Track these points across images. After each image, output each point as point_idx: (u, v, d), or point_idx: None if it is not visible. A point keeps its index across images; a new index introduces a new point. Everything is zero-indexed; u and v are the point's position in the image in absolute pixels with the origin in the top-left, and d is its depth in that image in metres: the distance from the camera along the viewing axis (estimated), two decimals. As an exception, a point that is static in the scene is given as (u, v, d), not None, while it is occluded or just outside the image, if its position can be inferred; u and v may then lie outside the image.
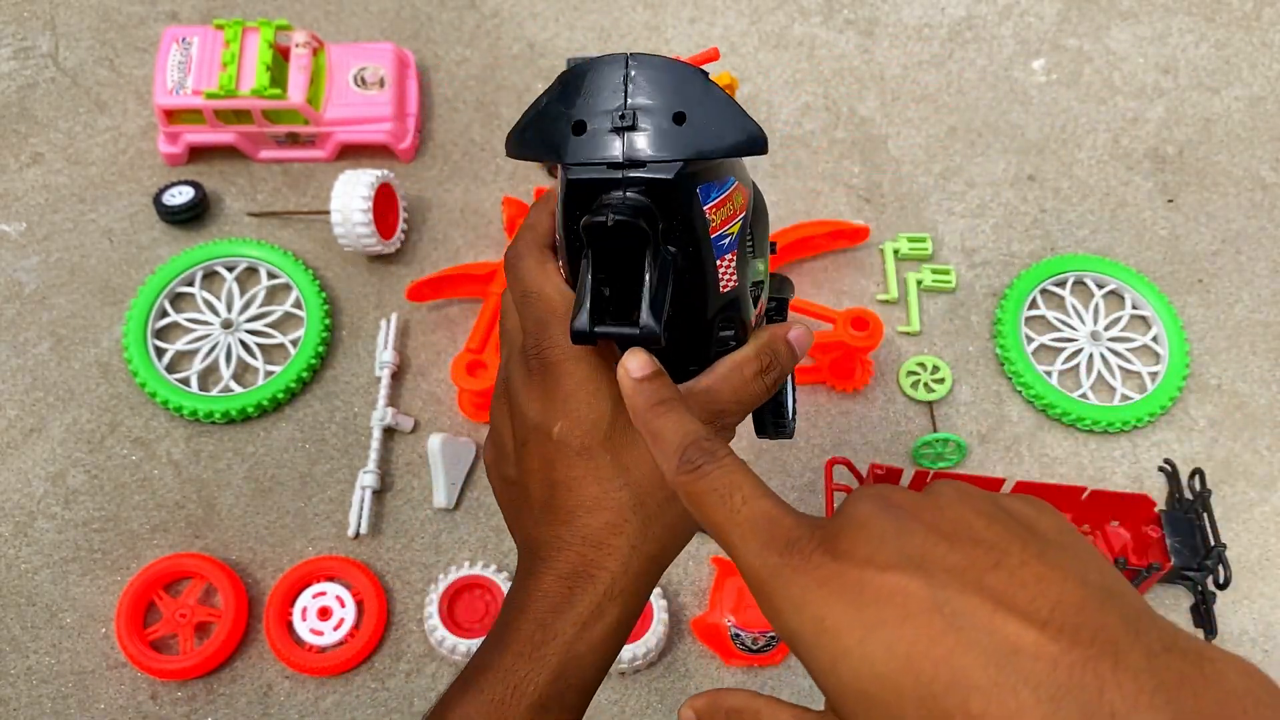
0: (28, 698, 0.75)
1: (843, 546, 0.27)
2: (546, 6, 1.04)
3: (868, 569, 0.26)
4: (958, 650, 0.24)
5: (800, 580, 0.27)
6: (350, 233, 0.85)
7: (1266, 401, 0.89)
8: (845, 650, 0.26)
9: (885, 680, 0.25)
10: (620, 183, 0.36)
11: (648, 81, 0.36)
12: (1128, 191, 0.98)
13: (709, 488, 0.31)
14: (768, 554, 0.28)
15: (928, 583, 0.25)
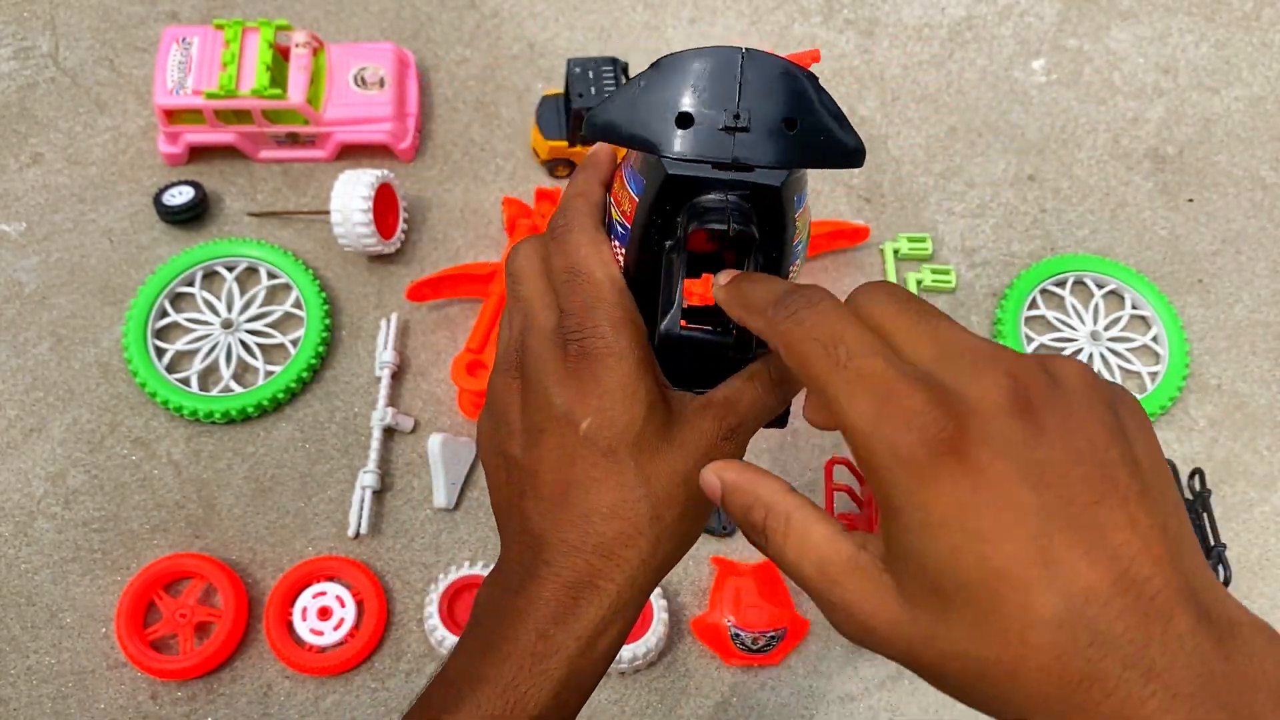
0: (28, 698, 0.75)
1: (964, 440, 0.27)
2: (546, 6, 1.04)
3: (987, 476, 0.26)
4: (1041, 583, 0.25)
5: (912, 463, 0.27)
6: (350, 233, 0.85)
7: (1266, 401, 0.89)
8: (939, 545, 0.27)
9: (964, 588, 0.26)
10: (722, 184, 0.35)
11: (762, 82, 0.35)
12: (1128, 191, 0.98)
13: (809, 335, 0.30)
14: (881, 421, 0.27)
15: (1040, 507, 0.26)
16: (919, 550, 0.27)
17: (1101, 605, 0.25)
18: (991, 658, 0.26)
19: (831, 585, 0.30)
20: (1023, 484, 0.26)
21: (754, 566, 0.79)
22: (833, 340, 0.29)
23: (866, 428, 0.28)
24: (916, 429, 0.27)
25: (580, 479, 0.37)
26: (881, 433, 0.27)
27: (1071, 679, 0.25)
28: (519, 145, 0.97)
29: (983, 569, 0.26)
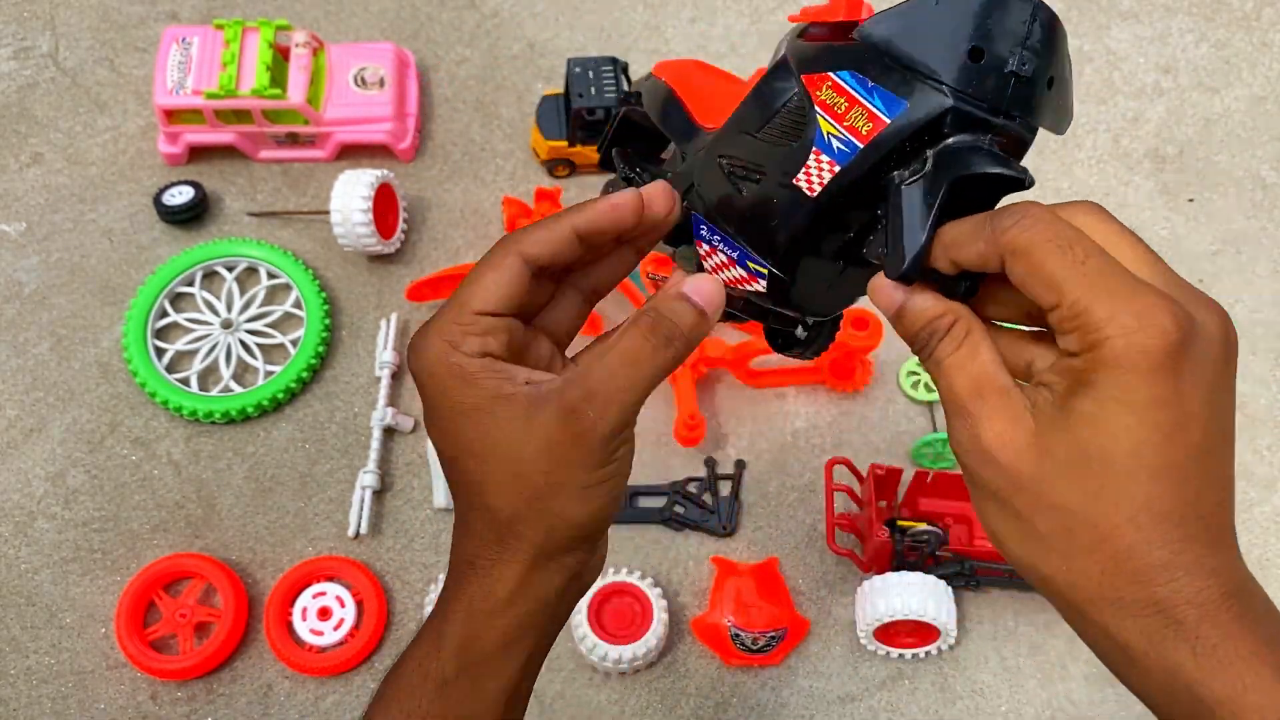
0: (28, 698, 0.75)
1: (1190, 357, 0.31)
2: (546, 6, 1.04)
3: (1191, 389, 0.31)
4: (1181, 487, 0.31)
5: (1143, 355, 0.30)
6: (350, 233, 0.85)
7: (1266, 402, 0.89)
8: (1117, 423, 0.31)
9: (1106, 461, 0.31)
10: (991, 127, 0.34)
11: (1044, 31, 0.35)
12: (1128, 191, 0.98)
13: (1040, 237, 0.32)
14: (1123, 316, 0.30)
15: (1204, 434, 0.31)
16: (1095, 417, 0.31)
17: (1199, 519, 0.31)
18: (1090, 520, 0.31)
19: (979, 400, 0.33)
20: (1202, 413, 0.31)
21: (754, 566, 0.79)
22: (1067, 242, 0.32)
23: (1108, 313, 0.30)
24: (1162, 323, 0.30)
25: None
26: (1126, 319, 0.30)
27: (1153, 565, 0.31)
28: (519, 145, 0.97)
29: (1133, 453, 0.31)
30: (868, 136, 0.35)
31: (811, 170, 0.37)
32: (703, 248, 0.42)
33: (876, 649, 0.78)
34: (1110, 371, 0.31)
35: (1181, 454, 0.31)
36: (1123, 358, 0.30)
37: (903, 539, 0.76)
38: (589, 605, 0.76)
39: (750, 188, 0.39)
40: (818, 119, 0.36)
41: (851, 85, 0.36)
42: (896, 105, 0.34)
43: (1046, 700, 0.78)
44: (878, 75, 0.35)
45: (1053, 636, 0.79)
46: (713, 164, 0.40)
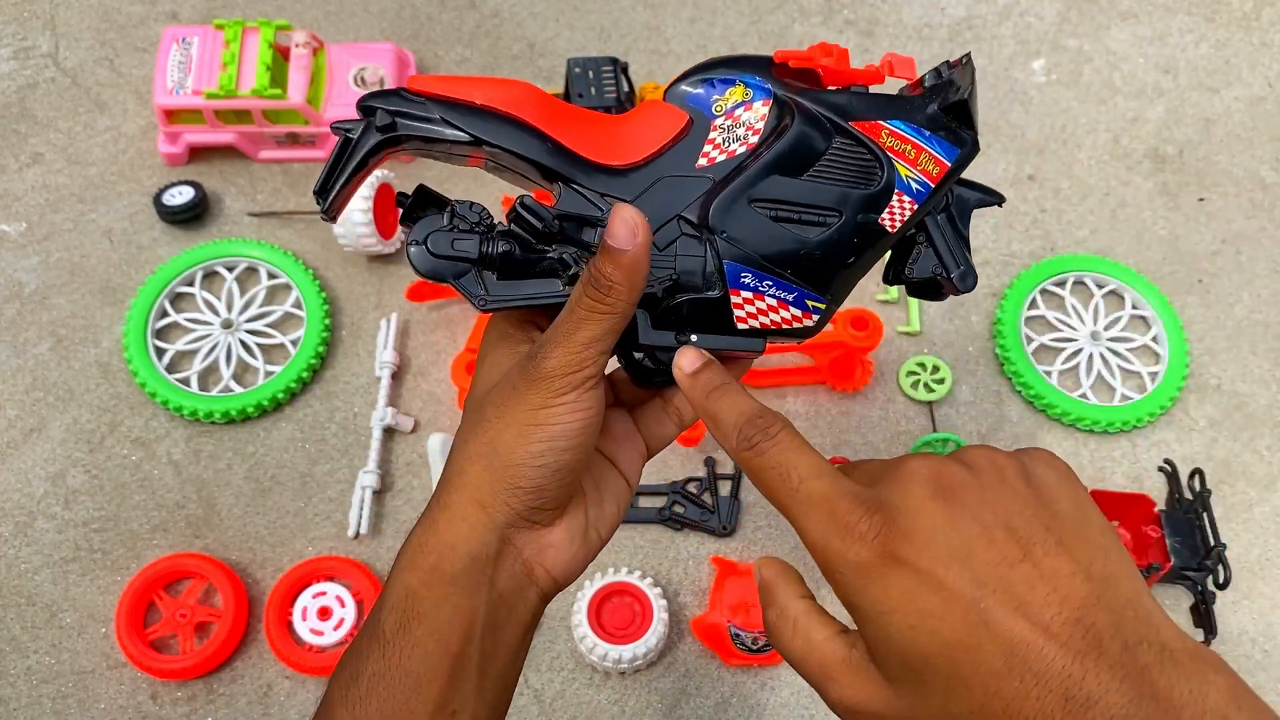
0: (28, 698, 0.75)
1: (896, 539, 0.32)
2: (546, 6, 1.04)
3: (920, 564, 0.32)
4: (985, 642, 0.31)
5: (859, 567, 0.33)
6: (350, 233, 0.85)
7: (1266, 401, 0.89)
8: (897, 629, 0.32)
9: (927, 659, 0.31)
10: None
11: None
12: (1128, 191, 0.98)
13: (767, 465, 0.36)
14: (830, 537, 0.33)
15: (970, 581, 0.31)
16: (884, 637, 0.32)
17: (1037, 653, 0.30)
18: (964, 712, 0.31)
19: (829, 681, 0.35)
20: (953, 561, 0.31)
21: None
22: (787, 467, 0.35)
23: (820, 541, 0.33)
24: (857, 536, 0.33)
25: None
26: (832, 544, 0.33)
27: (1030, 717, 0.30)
28: (519, 145, 0.97)
29: (936, 640, 0.31)
30: (936, 177, 0.42)
31: (895, 209, 0.42)
32: (740, 295, 0.42)
33: (876, 649, 0.78)
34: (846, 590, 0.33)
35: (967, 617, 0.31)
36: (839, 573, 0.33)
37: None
38: (589, 605, 0.76)
39: (817, 231, 0.42)
40: (895, 164, 0.42)
41: (912, 134, 0.42)
42: (951, 150, 0.42)
43: (1046, 700, 0.77)
44: (928, 125, 0.42)
45: (1052, 636, 0.79)
46: (746, 213, 0.41)
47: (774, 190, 0.41)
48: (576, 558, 0.42)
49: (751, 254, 0.41)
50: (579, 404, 0.39)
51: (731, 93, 0.42)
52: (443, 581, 0.39)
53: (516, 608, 0.41)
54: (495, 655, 0.40)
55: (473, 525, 0.39)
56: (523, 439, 0.39)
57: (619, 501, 0.45)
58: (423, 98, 0.40)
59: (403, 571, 0.40)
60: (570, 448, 0.39)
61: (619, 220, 0.38)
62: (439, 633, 0.39)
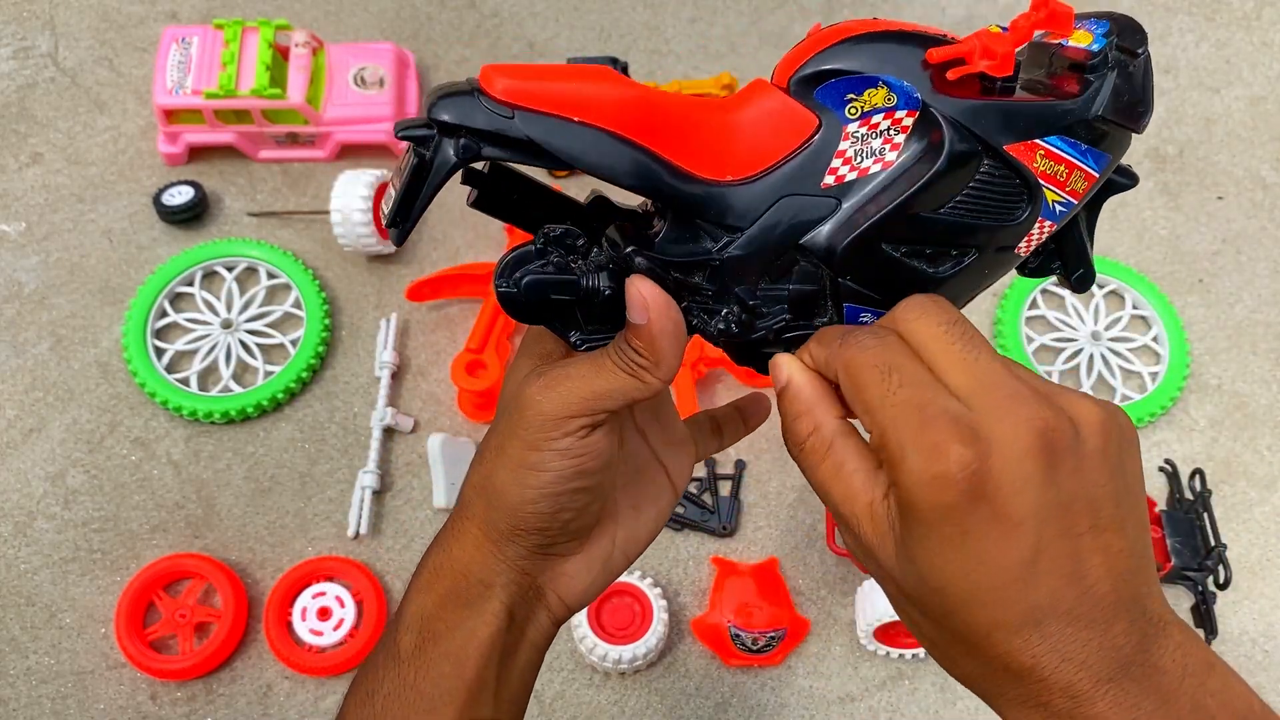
0: (27, 698, 0.75)
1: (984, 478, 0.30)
2: (546, 6, 1.04)
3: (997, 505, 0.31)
4: (1014, 598, 0.31)
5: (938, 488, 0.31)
6: (350, 233, 0.85)
7: (1267, 401, 0.89)
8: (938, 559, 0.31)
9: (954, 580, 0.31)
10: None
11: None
12: (1128, 191, 0.97)
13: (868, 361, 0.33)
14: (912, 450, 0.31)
15: (1038, 539, 0.31)
16: (921, 554, 0.32)
17: (1060, 617, 0.31)
18: (958, 633, 0.32)
19: (851, 518, 0.34)
20: (1030, 519, 0.31)
21: (754, 566, 0.79)
22: (888, 368, 0.33)
23: (900, 452, 0.31)
24: (946, 461, 0.30)
25: None
26: (915, 459, 0.31)
27: (1023, 667, 0.31)
28: (519, 145, 0.97)
29: (976, 571, 0.31)
30: (1082, 194, 0.37)
31: (1033, 235, 0.37)
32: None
33: (876, 649, 0.78)
34: (909, 513, 0.31)
35: (1012, 568, 0.31)
36: (916, 501, 0.31)
37: (903, 539, 0.76)
38: (589, 605, 0.76)
39: (948, 265, 0.37)
40: (1045, 192, 0.36)
41: (1068, 152, 0.36)
42: (1102, 159, 0.37)
43: (1047, 700, 0.77)
44: (1088, 137, 0.36)
45: (1053, 636, 0.79)
46: (874, 251, 0.36)
47: (910, 231, 0.35)
48: (594, 585, 0.42)
49: (871, 294, 0.37)
50: (574, 450, 0.37)
51: (871, 95, 0.34)
52: (458, 606, 0.39)
53: (528, 630, 0.41)
54: (509, 680, 0.40)
55: (486, 555, 0.39)
56: (516, 483, 0.38)
57: (660, 512, 0.44)
58: (506, 108, 0.32)
59: (418, 593, 0.40)
60: (567, 491, 0.38)
61: (630, 296, 0.35)
62: (454, 656, 0.39)
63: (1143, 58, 0.35)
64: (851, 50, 0.35)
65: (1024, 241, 0.37)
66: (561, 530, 0.39)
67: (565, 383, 0.37)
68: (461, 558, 0.39)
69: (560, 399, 0.37)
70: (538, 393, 0.37)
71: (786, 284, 0.36)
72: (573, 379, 0.37)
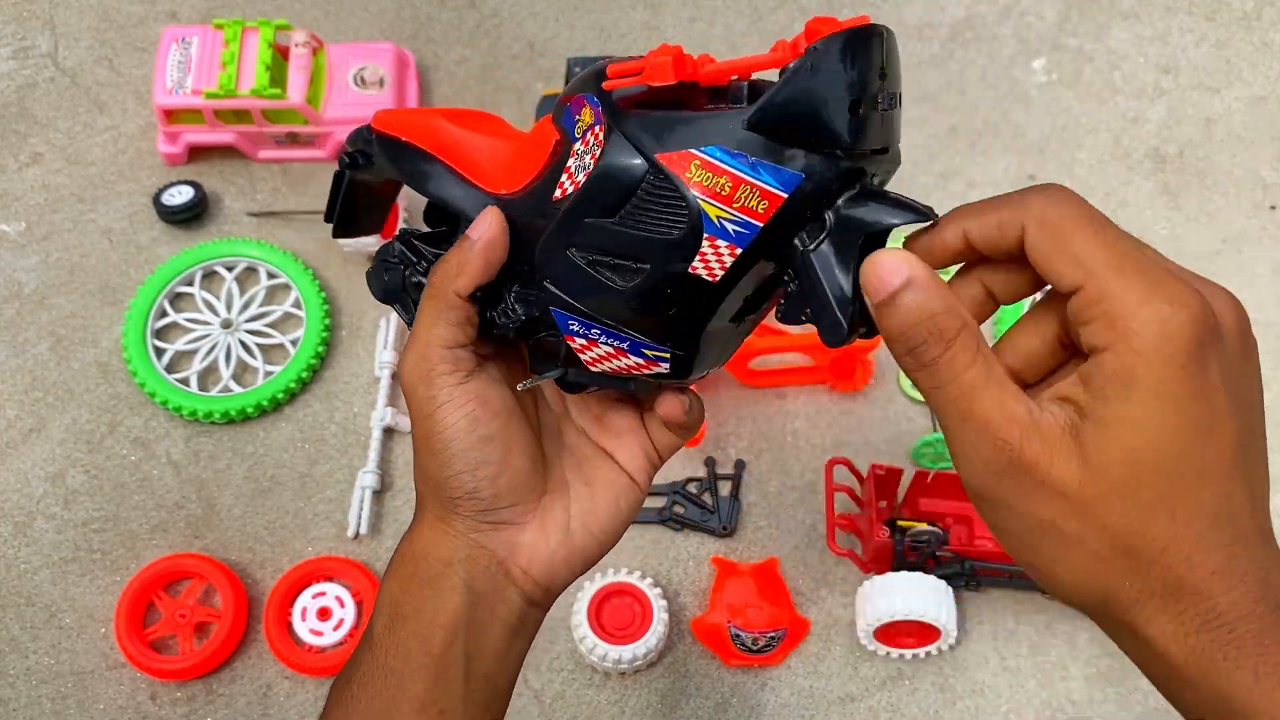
0: (27, 698, 0.75)
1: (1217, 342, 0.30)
2: (546, 6, 1.04)
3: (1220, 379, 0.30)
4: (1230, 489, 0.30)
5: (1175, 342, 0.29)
6: (350, 233, 0.85)
7: (1268, 401, 0.88)
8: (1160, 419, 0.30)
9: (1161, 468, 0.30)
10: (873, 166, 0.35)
11: (893, 56, 0.34)
12: (1128, 191, 0.97)
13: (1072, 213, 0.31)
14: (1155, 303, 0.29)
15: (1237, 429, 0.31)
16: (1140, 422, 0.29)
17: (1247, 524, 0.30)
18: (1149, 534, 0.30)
19: (1004, 425, 0.31)
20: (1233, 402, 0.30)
21: (754, 566, 0.79)
22: (1100, 222, 0.31)
23: (1137, 301, 0.29)
24: (1188, 313, 0.29)
25: None
26: (1152, 309, 0.29)
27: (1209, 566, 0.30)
28: (519, 145, 0.97)
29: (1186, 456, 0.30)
30: (766, 215, 0.34)
31: (709, 257, 0.35)
32: (575, 342, 0.39)
33: (876, 649, 0.78)
34: (1148, 365, 0.29)
35: (1226, 451, 0.30)
36: (1160, 348, 0.29)
37: (903, 539, 0.76)
38: (589, 606, 0.76)
39: (629, 280, 0.36)
40: (701, 204, 0.34)
41: (729, 163, 0.34)
42: (791, 178, 0.33)
43: (1046, 700, 0.77)
44: (758, 150, 0.33)
45: (1053, 636, 0.79)
46: (563, 258, 0.38)
47: (588, 234, 0.36)
48: (557, 555, 0.42)
49: (572, 302, 0.38)
50: (452, 403, 0.39)
51: (585, 113, 0.37)
52: (421, 585, 0.40)
53: (497, 608, 0.41)
54: (480, 656, 0.41)
55: (438, 533, 0.41)
56: (426, 453, 0.40)
57: (619, 498, 0.45)
58: (372, 134, 0.44)
59: (389, 579, 0.41)
60: (471, 445, 0.39)
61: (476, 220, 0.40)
62: (420, 634, 0.39)
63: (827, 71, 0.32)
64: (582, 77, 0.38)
65: (698, 261, 0.35)
66: (492, 492, 0.40)
67: (412, 346, 0.40)
68: (421, 541, 0.41)
69: (415, 361, 0.40)
70: (403, 369, 0.40)
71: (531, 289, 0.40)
72: (414, 340, 0.40)
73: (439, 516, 0.41)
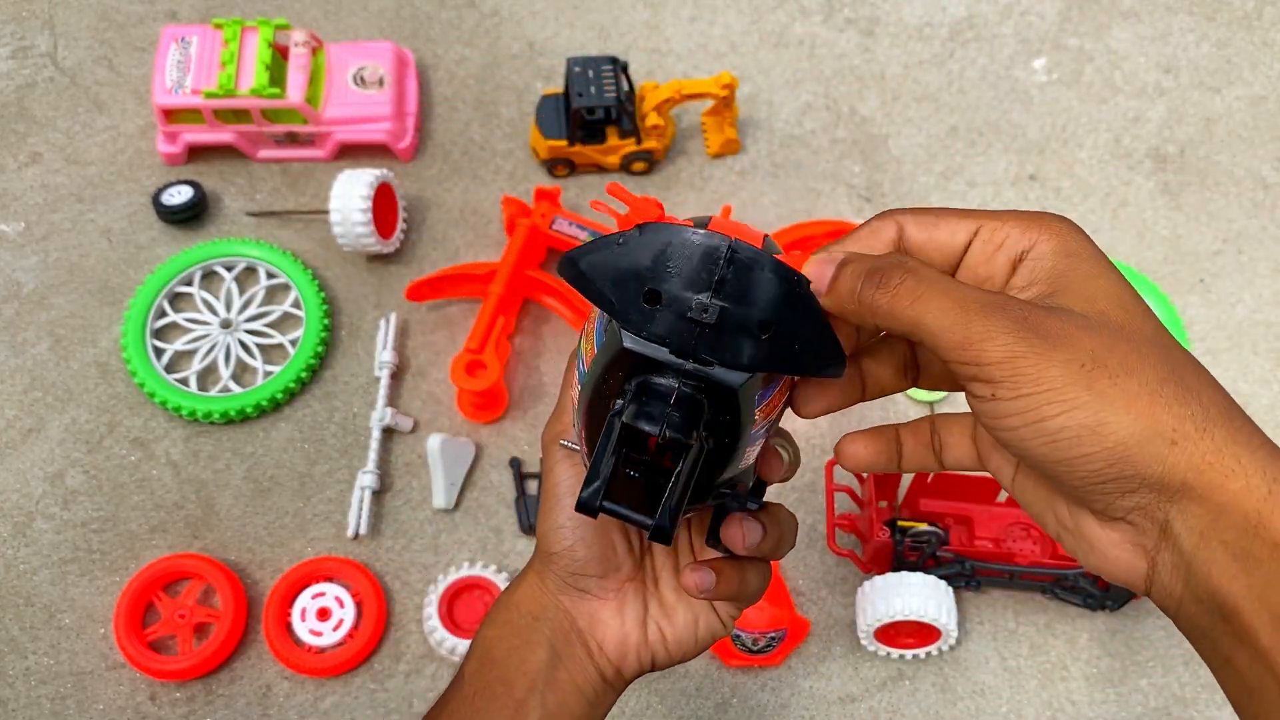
0: (26, 698, 0.75)
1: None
2: (546, 6, 1.04)
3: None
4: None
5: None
6: (349, 232, 0.85)
7: (1267, 401, 0.89)
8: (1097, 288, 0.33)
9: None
10: (678, 371, 0.33)
11: (743, 279, 0.33)
12: (1129, 191, 0.97)
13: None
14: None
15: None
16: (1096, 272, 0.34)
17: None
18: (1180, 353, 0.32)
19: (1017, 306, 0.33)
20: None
21: (754, 567, 0.79)
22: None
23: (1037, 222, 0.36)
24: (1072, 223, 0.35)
25: None
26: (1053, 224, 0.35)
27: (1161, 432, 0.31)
28: (518, 145, 0.97)
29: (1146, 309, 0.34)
30: (588, 361, 0.36)
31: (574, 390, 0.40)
32: None
33: (877, 649, 0.77)
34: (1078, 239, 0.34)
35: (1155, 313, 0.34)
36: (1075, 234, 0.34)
37: (903, 539, 0.76)
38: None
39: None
40: (580, 340, 0.38)
41: (596, 317, 0.37)
42: (600, 338, 0.35)
43: (1046, 700, 0.77)
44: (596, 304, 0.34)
45: (1053, 636, 0.79)
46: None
47: None
48: (630, 639, 0.43)
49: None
50: (574, 461, 0.41)
51: None
52: (511, 634, 0.43)
53: (575, 673, 0.43)
54: (557, 713, 0.42)
55: (534, 588, 0.43)
56: (544, 507, 0.42)
57: (699, 619, 0.44)
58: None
59: (485, 626, 0.44)
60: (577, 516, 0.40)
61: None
62: (506, 678, 0.42)
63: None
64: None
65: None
66: (585, 555, 0.42)
67: (557, 410, 0.43)
68: (519, 592, 0.44)
69: (557, 418, 0.43)
70: (547, 427, 0.43)
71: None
72: (561, 402, 0.42)
73: (538, 571, 0.43)
